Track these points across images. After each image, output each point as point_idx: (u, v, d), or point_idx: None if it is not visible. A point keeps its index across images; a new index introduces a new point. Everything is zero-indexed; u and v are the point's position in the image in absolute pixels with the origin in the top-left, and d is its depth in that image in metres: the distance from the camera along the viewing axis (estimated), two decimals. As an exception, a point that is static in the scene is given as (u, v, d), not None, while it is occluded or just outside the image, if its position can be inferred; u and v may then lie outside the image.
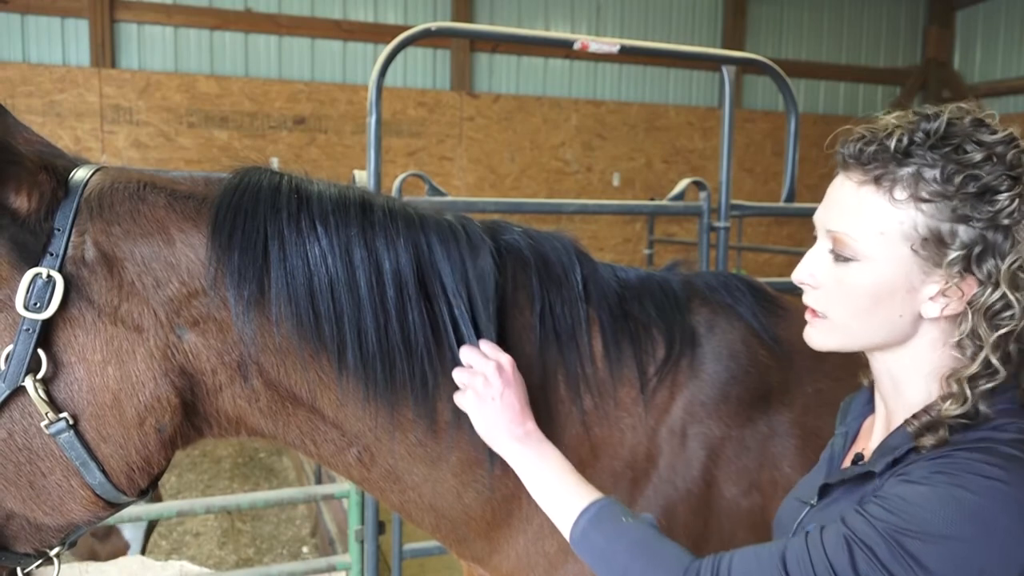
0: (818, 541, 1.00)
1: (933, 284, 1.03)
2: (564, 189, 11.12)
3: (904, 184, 1.02)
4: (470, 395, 1.30)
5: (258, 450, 6.97)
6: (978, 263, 1.00)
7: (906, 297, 1.05)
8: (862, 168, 1.06)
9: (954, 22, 12.81)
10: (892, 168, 1.03)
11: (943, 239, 1.01)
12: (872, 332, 1.09)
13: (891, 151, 1.03)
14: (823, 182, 1.16)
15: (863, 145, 1.06)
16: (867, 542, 0.96)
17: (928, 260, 1.02)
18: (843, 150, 1.09)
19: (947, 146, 1.01)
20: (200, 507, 2.93)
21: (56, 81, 9.05)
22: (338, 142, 10.11)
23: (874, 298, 1.06)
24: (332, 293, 1.25)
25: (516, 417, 1.28)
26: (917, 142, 1.02)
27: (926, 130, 1.02)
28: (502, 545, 1.46)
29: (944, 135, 1.02)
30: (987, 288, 1.00)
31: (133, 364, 1.20)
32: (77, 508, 1.24)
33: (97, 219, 1.21)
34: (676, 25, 11.68)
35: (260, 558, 5.09)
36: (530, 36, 2.97)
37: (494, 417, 1.28)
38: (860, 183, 1.06)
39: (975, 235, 1.00)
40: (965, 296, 1.02)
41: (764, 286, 1.67)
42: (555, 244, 1.47)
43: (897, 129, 1.04)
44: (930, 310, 1.04)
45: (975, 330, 1.01)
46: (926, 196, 1.01)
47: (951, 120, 1.03)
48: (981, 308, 1.00)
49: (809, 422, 1.54)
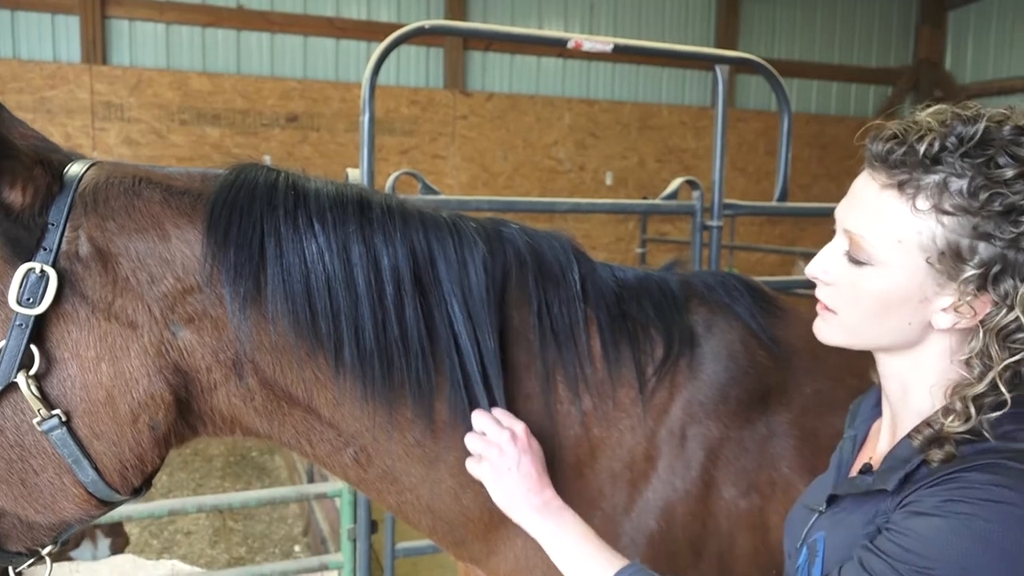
0: None
1: (947, 297, 1.00)
2: (557, 188, 11.12)
3: (928, 193, 0.98)
4: (486, 466, 1.29)
5: (250, 448, 6.94)
6: (995, 283, 0.96)
7: (918, 307, 1.02)
8: (888, 170, 1.01)
9: (946, 22, 12.87)
10: (918, 175, 0.98)
11: (961, 254, 0.97)
12: (879, 335, 1.08)
13: (919, 156, 0.98)
14: (816, 182, 1.15)
15: (893, 145, 1.01)
16: None
17: (943, 273, 0.99)
18: (872, 147, 1.04)
19: (980, 156, 0.96)
20: (191, 506, 2.91)
21: (47, 78, 8.99)
22: (331, 140, 10.08)
23: (884, 304, 1.04)
24: (329, 290, 1.24)
25: (534, 486, 1.27)
26: (949, 148, 0.97)
27: (960, 135, 0.97)
28: (500, 547, 1.45)
29: (979, 142, 0.96)
30: (1002, 309, 0.96)
31: (127, 361, 1.19)
32: (69, 506, 1.23)
33: (92, 214, 1.20)
34: (669, 24, 11.70)
35: (252, 557, 5.07)
36: (523, 35, 2.96)
37: (512, 488, 1.27)
38: (884, 186, 1.02)
39: (995, 254, 0.96)
40: (978, 315, 0.98)
41: (762, 286, 1.67)
42: (553, 243, 1.47)
43: (929, 133, 0.98)
44: (941, 321, 1.02)
45: (985, 350, 0.98)
46: (949, 209, 0.97)
47: (988, 127, 0.97)
48: (994, 329, 0.97)
49: (807, 423, 1.53)
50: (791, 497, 1.45)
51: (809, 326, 1.67)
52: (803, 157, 11.73)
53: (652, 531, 1.43)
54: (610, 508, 1.44)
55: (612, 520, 1.43)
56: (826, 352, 1.61)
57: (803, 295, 6.17)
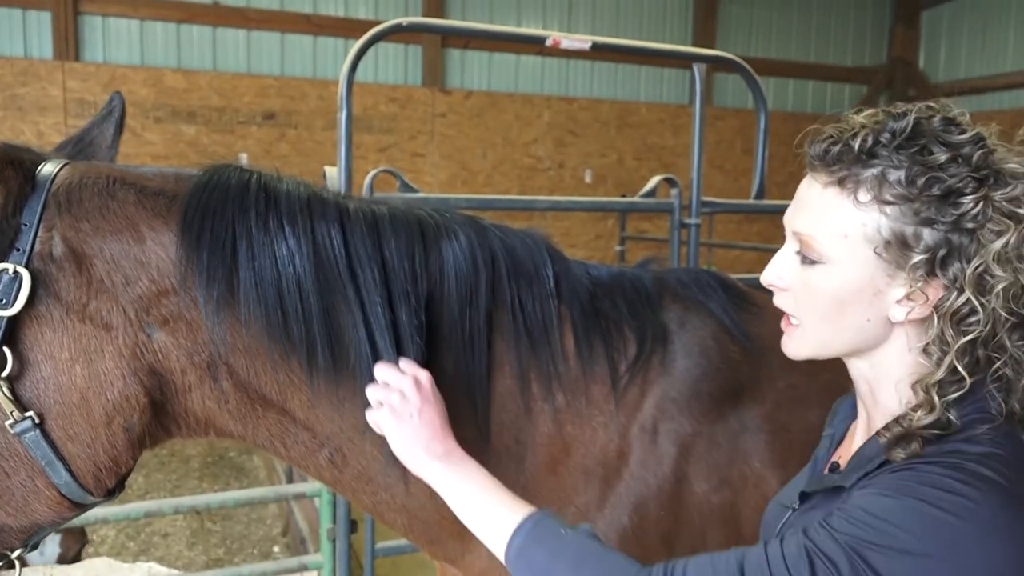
0: (778, 553, 0.98)
1: (899, 288, 1.02)
2: (536, 186, 11.12)
3: (868, 186, 1.01)
4: (385, 413, 1.23)
5: (228, 449, 6.89)
6: (943, 267, 0.98)
7: (872, 300, 1.04)
8: (827, 169, 1.04)
9: (919, 22, 13.02)
10: (856, 170, 1.02)
11: (907, 242, 0.99)
12: (843, 338, 1.08)
13: (855, 152, 1.01)
14: (792, 180, 1.16)
15: (829, 145, 1.04)
16: (829, 555, 0.93)
17: (892, 263, 1.01)
18: (810, 150, 1.07)
19: (913, 147, 0.99)
20: (168, 507, 2.89)
21: (18, 74, 8.85)
22: (308, 138, 10.02)
23: (839, 301, 1.05)
24: (300, 293, 1.24)
25: (436, 434, 1.21)
26: (883, 142, 1.00)
27: (892, 130, 1.00)
28: (475, 545, 1.45)
29: (911, 135, 1.00)
30: (952, 292, 0.98)
31: (101, 362, 1.18)
32: (42, 508, 1.22)
33: (65, 215, 1.19)
34: (647, 23, 11.74)
35: (231, 558, 5.04)
36: (502, 32, 2.96)
37: (412, 435, 1.21)
38: (825, 184, 1.05)
39: (939, 238, 0.98)
40: (931, 300, 1.00)
41: (736, 282, 1.69)
42: (526, 241, 1.47)
43: (863, 129, 1.02)
44: (897, 314, 1.03)
45: (942, 335, 0.99)
46: (890, 198, 0.99)
47: (919, 119, 1.01)
48: (947, 313, 0.98)
49: (780, 417, 1.55)
50: (762, 492, 1.47)
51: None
52: (780, 155, 11.73)
53: (625, 527, 1.44)
54: (583, 504, 1.45)
55: (585, 516, 1.44)
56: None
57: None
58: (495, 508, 1.16)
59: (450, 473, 1.20)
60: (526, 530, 1.11)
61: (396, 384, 1.24)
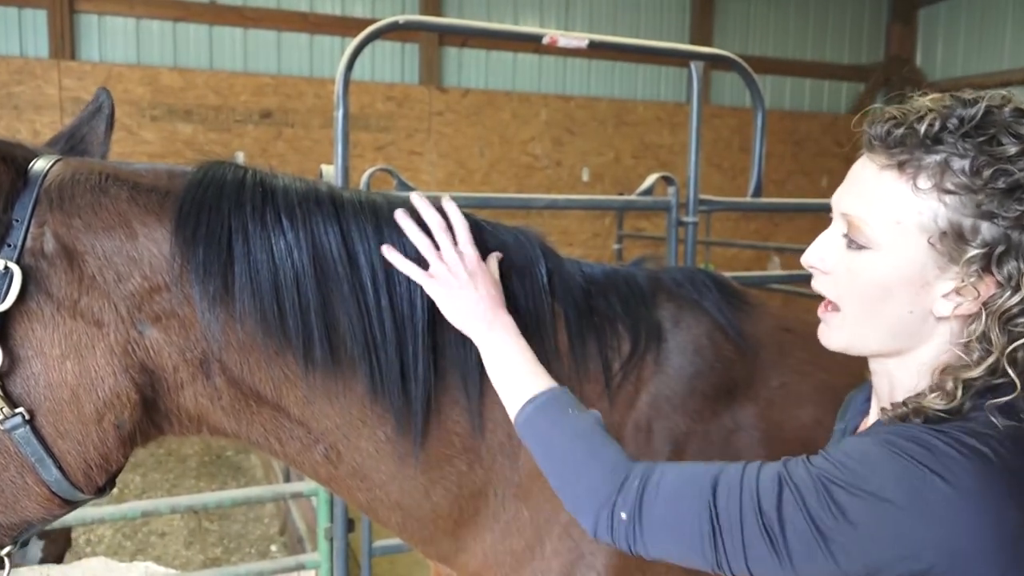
0: (753, 475, 0.98)
1: (948, 281, 0.98)
2: (534, 184, 11.12)
3: (929, 173, 0.96)
4: (443, 273, 1.29)
5: (225, 448, 6.88)
6: (999, 263, 0.94)
7: (919, 292, 0.99)
8: (887, 151, 0.99)
9: (916, 20, 13.04)
10: (919, 155, 0.97)
11: (963, 235, 0.95)
12: (881, 330, 1.04)
13: (920, 136, 0.96)
14: (790, 177, 1.15)
15: (891, 127, 0.99)
16: (798, 485, 0.94)
17: (945, 255, 0.96)
18: (870, 130, 1.02)
19: (981, 136, 0.94)
20: (166, 507, 2.88)
21: (14, 73, 8.82)
22: (305, 136, 10.00)
23: (883, 289, 1.00)
24: (298, 287, 1.24)
25: (490, 302, 1.28)
26: (949, 128, 0.96)
27: (961, 116, 0.96)
28: (469, 543, 1.46)
29: (980, 123, 0.95)
30: (1006, 291, 0.94)
31: (92, 359, 1.18)
32: (32, 506, 1.21)
33: (57, 211, 1.19)
34: (644, 21, 11.73)
35: (228, 557, 5.04)
36: (499, 30, 2.96)
37: (467, 297, 1.28)
38: (883, 167, 1.00)
39: (999, 233, 0.93)
40: (981, 297, 0.96)
41: (730, 281, 1.69)
42: (520, 238, 1.47)
43: (930, 113, 0.97)
44: (942, 308, 0.99)
45: (987, 333, 0.96)
46: (951, 188, 0.95)
47: (989, 108, 0.96)
48: (996, 311, 0.95)
49: (773, 416, 1.55)
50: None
51: (776, 320, 1.70)
52: (777, 153, 11.83)
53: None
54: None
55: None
56: (792, 346, 1.64)
57: (778, 290, 6.24)
58: (523, 376, 1.23)
59: (494, 337, 1.27)
60: (539, 402, 1.18)
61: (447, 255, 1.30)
